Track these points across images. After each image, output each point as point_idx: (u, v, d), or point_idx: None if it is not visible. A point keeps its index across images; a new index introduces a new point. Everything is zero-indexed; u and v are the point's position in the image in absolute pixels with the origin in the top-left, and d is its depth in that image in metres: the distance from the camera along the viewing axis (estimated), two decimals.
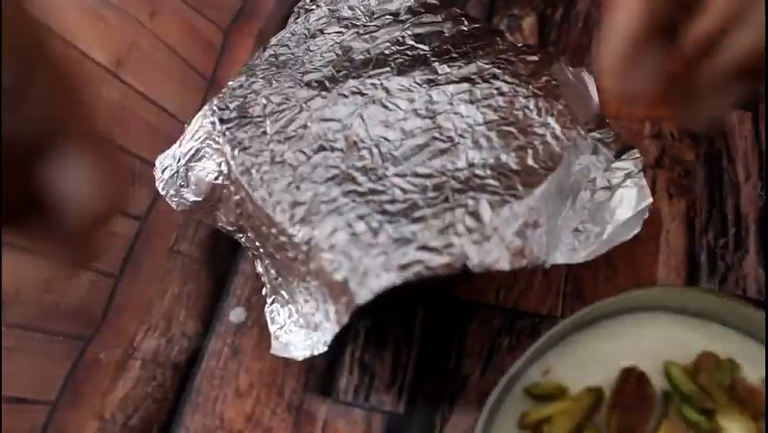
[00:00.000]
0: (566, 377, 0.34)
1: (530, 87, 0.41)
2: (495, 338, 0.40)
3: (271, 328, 0.39)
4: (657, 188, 0.45)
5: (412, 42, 0.45)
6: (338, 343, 0.41)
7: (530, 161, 0.37)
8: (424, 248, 0.34)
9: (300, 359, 0.36)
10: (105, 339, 0.42)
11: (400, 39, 0.45)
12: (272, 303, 0.39)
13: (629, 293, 0.34)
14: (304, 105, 0.42)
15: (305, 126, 0.41)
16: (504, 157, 0.37)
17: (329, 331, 0.35)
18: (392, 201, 0.36)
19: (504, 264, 0.34)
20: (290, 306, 0.38)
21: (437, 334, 0.41)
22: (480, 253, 0.34)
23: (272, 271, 0.40)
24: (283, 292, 0.39)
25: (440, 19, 0.46)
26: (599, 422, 0.32)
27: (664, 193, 0.44)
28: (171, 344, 0.42)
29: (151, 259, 0.45)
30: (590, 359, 0.34)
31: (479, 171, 0.37)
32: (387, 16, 0.47)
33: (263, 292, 0.40)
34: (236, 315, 0.43)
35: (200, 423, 0.40)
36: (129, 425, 0.40)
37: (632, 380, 0.32)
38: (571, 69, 0.43)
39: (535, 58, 0.43)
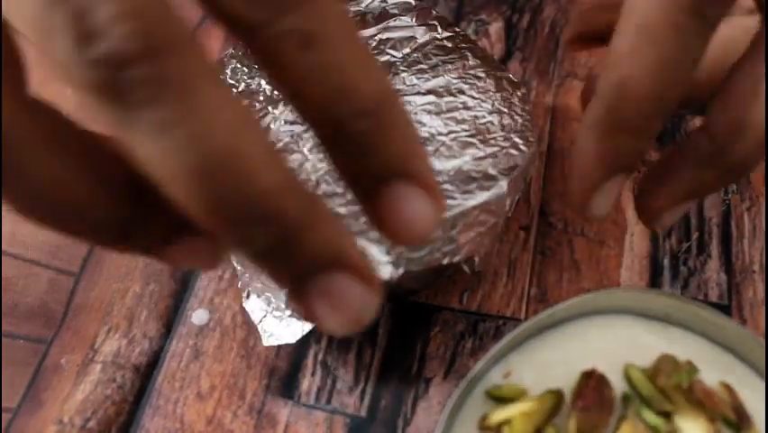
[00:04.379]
0: (527, 379, 0.34)
1: (495, 103, 0.41)
2: (458, 341, 0.40)
3: (255, 321, 0.39)
4: (623, 189, 0.45)
5: (383, 47, 0.45)
6: (301, 345, 0.41)
7: (490, 170, 0.38)
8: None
9: (293, 342, 0.37)
10: (66, 342, 0.42)
11: (372, 42, 0.45)
12: (248, 297, 0.40)
13: (590, 295, 0.34)
14: (270, 108, 0.42)
15: (268, 128, 0.41)
16: (464, 166, 0.38)
17: None
18: (348, 216, 0.37)
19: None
20: (267, 293, 0.38)
21: (401, 337, 0.41)
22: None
23: (238, 267, 0.40)
24: (257, 283, 0.39)
25: (414, 23, 0.46)
26: (560, 424, 0.32)
27: (630, 194, 0.45)
28: (132, 345, 0.42)
29: (113, 258, 0.44)
30: (551, 361, 0.35)
31: (437, 178, 0.38)
32: (358, 17, 0.47)
33: (239, 285, 0.40)
34: (199, 316, 0.42)
35: (160, 425, 0.39)
36: (87, 427, 0.39)
37: (592, 382, 0.32)
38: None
39: (507, 75, 0.43)
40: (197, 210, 0.16)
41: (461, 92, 0.42)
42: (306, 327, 0.37)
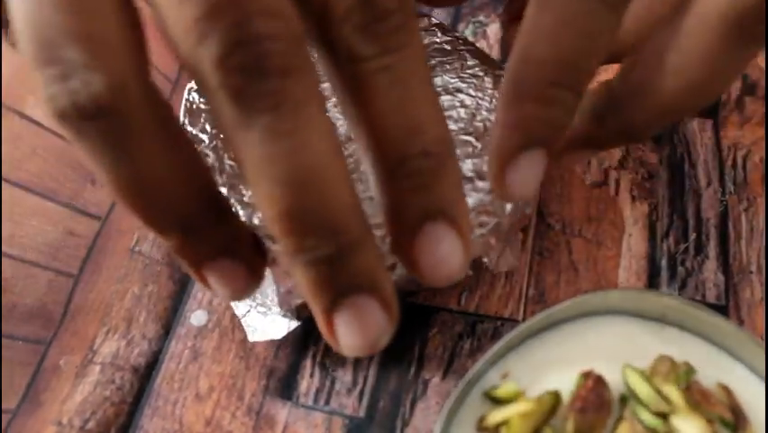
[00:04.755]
0: (524, 380, 0.34)
1: (494, 101, 0.41)
2: (456, 342, 0.40)
3: (239, 316, 0.39)
4: (620, 190, 0.45)
5: None
6: (300, 346, 0.41)
7: (485, 168, 0.38)
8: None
9: (279, 338, 0.37)
10: (65, 343, 0.42)
11: None
12: None
13: (587, 296, 0.35)
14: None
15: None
16: (459, 164, 0.38)
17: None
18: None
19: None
20: None
21: (399, 338, 0.41)
22: None
23: None
24: None
25: None
26: (557, 425, 0.32)
27: (627, 195, 0.45)
28: (131, 346, 0.42)
29: (112, 259, 0.44)
30: (549, 362, 0.35)
31: None
32: None
33: None
34: (197, 318, 0.42)
35: (159, 426, 0.39)
36: (86, 428, 0.39)
37: (590, 383, 0.32)
38: None
39: (503, 73, 0.43)
40: (274, 212, 0.17)
41: (459, 90, 0.42)
42: (292, 324, 0.37)
